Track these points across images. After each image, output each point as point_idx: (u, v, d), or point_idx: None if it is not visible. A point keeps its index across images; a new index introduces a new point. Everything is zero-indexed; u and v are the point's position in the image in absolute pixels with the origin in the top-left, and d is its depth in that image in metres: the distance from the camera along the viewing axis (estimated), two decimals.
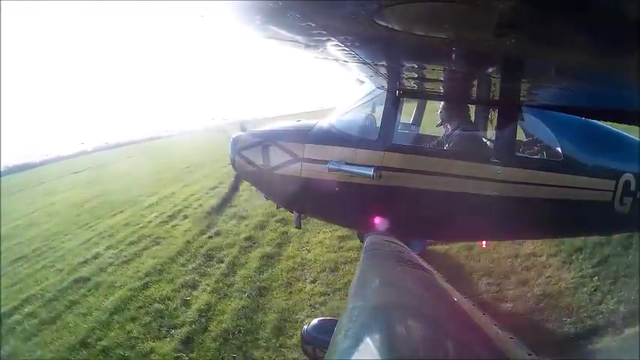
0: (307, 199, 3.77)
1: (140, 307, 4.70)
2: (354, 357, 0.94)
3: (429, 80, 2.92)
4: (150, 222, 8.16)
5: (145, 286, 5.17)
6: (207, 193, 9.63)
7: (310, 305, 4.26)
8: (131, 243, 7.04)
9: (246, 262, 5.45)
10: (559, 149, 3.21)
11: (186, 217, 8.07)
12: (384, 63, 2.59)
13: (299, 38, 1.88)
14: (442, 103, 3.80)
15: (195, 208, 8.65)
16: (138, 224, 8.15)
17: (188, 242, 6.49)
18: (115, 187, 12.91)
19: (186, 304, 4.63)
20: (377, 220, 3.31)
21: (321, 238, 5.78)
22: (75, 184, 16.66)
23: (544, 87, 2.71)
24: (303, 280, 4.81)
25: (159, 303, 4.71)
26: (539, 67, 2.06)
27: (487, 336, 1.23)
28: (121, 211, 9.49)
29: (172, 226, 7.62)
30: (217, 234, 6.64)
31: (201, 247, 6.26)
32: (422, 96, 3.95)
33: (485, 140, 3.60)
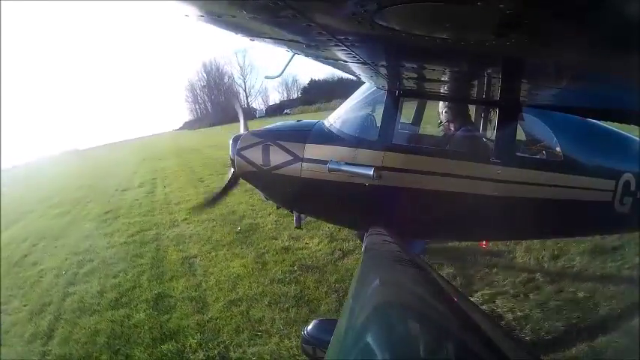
0: (307, 199, 3.76)
1: None
2: (354, 357, 0.94)
3: (430, 80, 2.92)
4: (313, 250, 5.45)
5: None
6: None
7: None
8: None
9: None
10: (559, 149, 3.20)
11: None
12: (384, 63, 2.59)
13: (299, 38, 1.87)
14: (442, 103, 3.80)
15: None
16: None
17: None
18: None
19: None
20: (377, 220, 3.31)
21: None
22: None
23: (544, 87, 2.70)
24: None
25: None
26: (540, 67, 2.06)
27: (487, 336, 1.23)
28: (239, 252, 5.96)
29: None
30: None
31: None
32: (422, 96, 3.94)
33: (485, 140, 3.60)
